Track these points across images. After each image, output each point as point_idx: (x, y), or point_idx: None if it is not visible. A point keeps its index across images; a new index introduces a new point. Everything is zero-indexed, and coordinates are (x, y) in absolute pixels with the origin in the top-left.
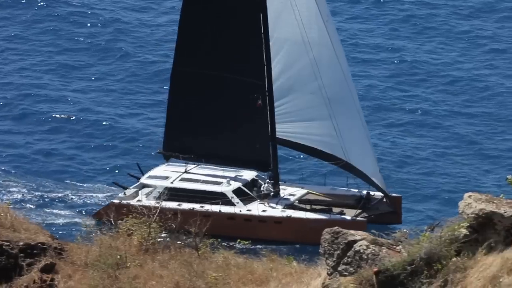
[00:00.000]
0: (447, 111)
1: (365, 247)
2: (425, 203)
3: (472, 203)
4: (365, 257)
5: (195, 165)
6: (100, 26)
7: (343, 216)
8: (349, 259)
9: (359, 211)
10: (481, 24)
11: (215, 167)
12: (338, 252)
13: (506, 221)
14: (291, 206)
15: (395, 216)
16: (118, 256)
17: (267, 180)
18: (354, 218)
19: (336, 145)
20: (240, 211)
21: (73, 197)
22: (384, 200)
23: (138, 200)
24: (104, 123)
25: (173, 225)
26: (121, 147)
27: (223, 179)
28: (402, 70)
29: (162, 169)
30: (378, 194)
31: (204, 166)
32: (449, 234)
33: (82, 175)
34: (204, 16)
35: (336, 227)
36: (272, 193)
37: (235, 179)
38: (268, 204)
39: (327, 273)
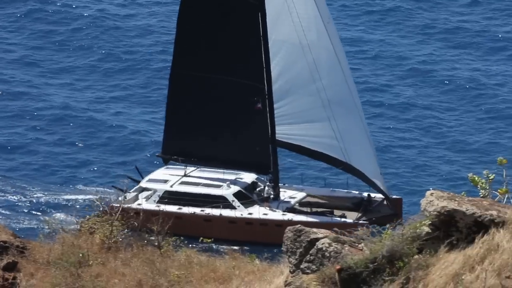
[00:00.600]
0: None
1: (327, 245)
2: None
3: (434, 201)
4: (328, 255)
5: (195, 168)
6: (94, 26)
7: (344, 219)
8: (311, 257)
9: (360, 214)
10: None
11: (214, 170)
12: (301, 250)
13: (467, 219)
14: (291, 209)
15: (396, 218)
16: (81, 255)
17: (267, 183)
18: (356, 221)
19: (336, 146)
20: (242, 214)
21: (69, 200)
22: (385, 202)
23: (139, 204)
24: (101, 125)
25: (135, 223)
26: (120, 149)
27: (223, 182)
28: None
29: (161, 173)
30: (379, 196)
31: (203, 169)
32: (411, 231)
33: (79, 178)
34: (202, 19)
35: (299, 225)
36: (272, 196)
37: (235, 182)
38: (269, 207)
39: (290, 271)
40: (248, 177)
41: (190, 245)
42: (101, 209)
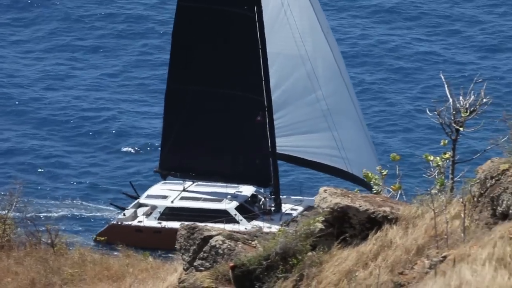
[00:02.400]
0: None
1: (221, 242)
2: None
3: (328, 197)
4: (221, 252)
5: (192, 183)
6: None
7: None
8: (205, 254)
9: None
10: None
11: (212, 184)
12: (194, 247)
13: (361, 215)
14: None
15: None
16: None
17: (266, 196)
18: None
19: (337, 156)
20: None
21: (69, 215)
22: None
23: (139, 221)
24: (99, 133)
25: (29, 221)
26: (114, 163)
27: (223, 196)
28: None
29: (159, 188)
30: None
31: (201, 183)
32: (305, 228)
33: (74, 193)
34: (198, 32)
35: (192, 223)
36: (273, 209)
37: (235, 195)
38: (271, 219)
39: (183, 268)
40: (247, 190)
41: (84, 243)
42: None
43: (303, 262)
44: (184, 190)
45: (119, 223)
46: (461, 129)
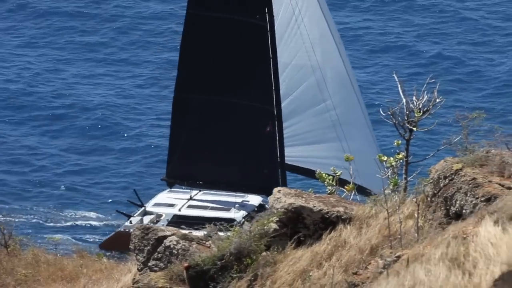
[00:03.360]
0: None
1: (175, 243)
2: None
3: (282, 198)
4: (175, 252)
5: (199, 191)
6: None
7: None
8: (159, 255)
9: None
10: None
11: (219, 193)
12: (148, 247)
13: (315, 215)
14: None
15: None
16: None
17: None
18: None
19: (345, 168)
20: None
21: (73, 224)
22: None
23: None
24: (103, 140)
25: None
26: (118, 169)
27: (230, 205)
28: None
29: (165, 196)
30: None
31: (207, 192)
32: (259, 228)
33: (80, 202)
34: (207, 40)
35: (146, 223)
36: None
37: (243, 204)
38: None
39: (138, 269)
40: (255, 200)
41: (38, 244)
42: None
43: (257, 262)
44: (191, 198)
45: (126, 230)
46: (414, 129)
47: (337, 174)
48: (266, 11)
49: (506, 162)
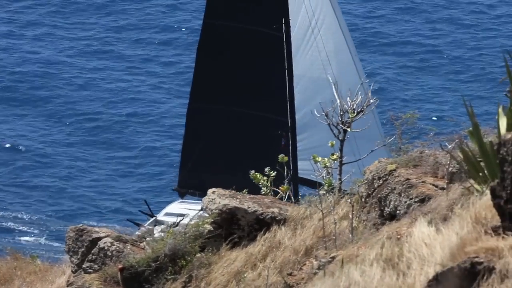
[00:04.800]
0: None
1: (109, 244)
2: None
3: (216, 199)
4: (110, 254)
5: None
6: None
7: None
8: (93, 257)
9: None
10: None
11: None
12: (83, 249)
13: (249, 216)
14: None
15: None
16: None
17: None
18: None
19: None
20: None
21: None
22: None
23: None
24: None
25: None
26: (127, 178)
27: None
28: None
29: (177, 206)
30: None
31: None
32: (194, 230)
33: (90, 213)
34: (223, 50)
35: (80, 225)
36: None
37: None
38: None
39: (72, 271)
40: None
41: None
42: None
43: (192, 264)
44: (202, 209)
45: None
46: (348, 129)
47: (272, 175)
48: (283, 22)
49: (440, 163)
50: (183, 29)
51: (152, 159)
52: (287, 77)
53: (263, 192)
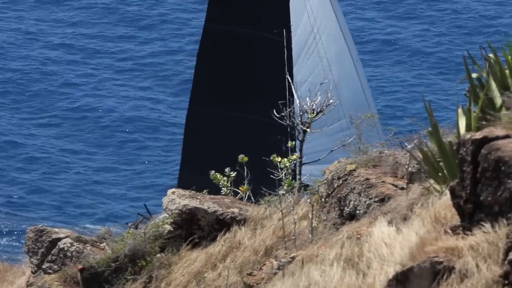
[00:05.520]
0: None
1: (69, 245)
2: None
3: (176, 199)
4: (70, 254)
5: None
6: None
7: None
8: (53, 257)
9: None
10: None
11: None
12: (42, 250)
13: (209, 217)
14: None
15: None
16: None
17: None
18: None
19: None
20: None
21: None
22: None
23: None
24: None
25: None
26: (128, 180)
27: None
28: None
29: None
30: None
31: None
32: (154, 230)
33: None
34: (223, 54)
35: (40, 225)
36: None
37: None
38: None
39: (32, 272)
40: None
41: None
42: None
43: (152, 264)
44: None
45: None
46: (308, 130)
47: (232, 176)
48: (284, 27)
49: (399, 163)
50: (184, 32)
51: (151, 160)
52: (287, 83)
53: (223, 193)
